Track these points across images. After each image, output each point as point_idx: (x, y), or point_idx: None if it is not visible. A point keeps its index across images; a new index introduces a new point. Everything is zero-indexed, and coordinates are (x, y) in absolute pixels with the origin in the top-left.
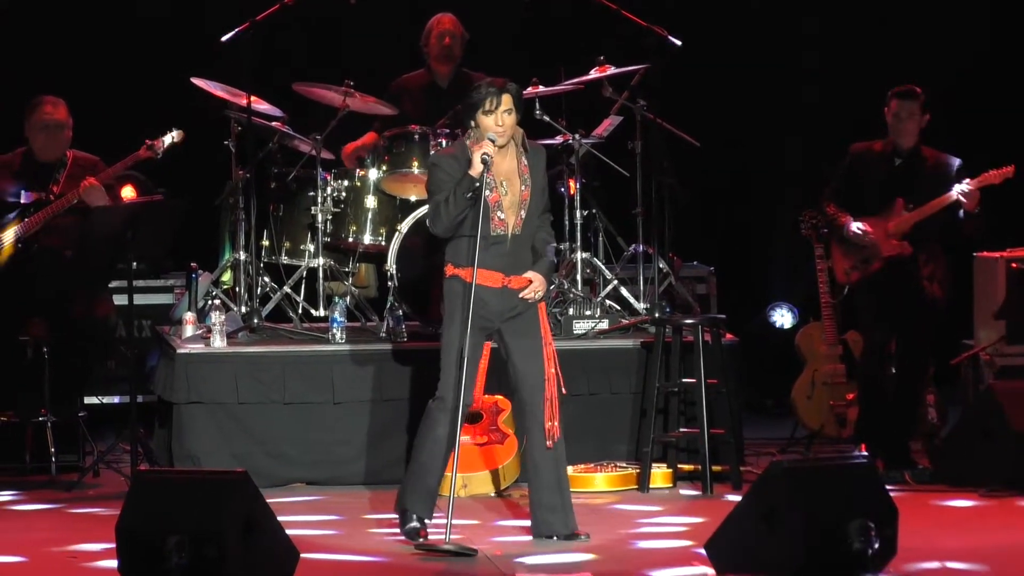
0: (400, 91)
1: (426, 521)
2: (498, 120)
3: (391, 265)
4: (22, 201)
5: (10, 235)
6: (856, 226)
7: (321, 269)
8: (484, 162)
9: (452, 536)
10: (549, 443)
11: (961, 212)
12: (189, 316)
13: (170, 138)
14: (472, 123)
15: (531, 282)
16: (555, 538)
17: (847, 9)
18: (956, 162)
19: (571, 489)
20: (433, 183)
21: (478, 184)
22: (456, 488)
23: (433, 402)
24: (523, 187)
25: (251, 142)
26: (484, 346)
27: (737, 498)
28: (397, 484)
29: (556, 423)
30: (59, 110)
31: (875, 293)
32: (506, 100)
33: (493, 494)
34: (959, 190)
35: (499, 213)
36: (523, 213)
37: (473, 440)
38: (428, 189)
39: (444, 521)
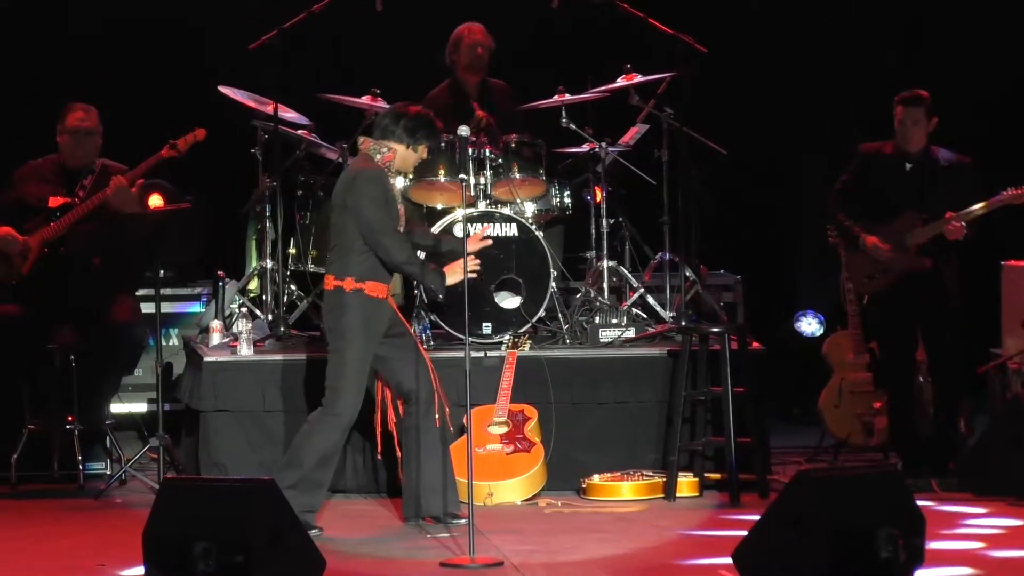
0: (431, 107)
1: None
2: (424, 155)
3: None
4: (49, 205)
5: (36, 239)
6: (871, 240)
7: None
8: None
9: (476, 543)
10: (451, 427)
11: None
12: (216, 324)
13: (193, 137)
14: (404, 144)
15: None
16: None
17: (874, 19)
18: (952, 157)
19: (591, 497)
20: (375, 203)
21: (436, 294)
22: (482, 497)
23: (326, 415)
24: (403, 206)
25: (278, 150)
26: (511, 354)
27: (764, 507)
28: None
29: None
30: (90, 117)
31: (894, 305)
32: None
33: (519, 502)
34: (949, 225)
35: (400, 227)
36: (401, 228)
37: (500, 449)
38: (374, 204)
39: (469, 531)
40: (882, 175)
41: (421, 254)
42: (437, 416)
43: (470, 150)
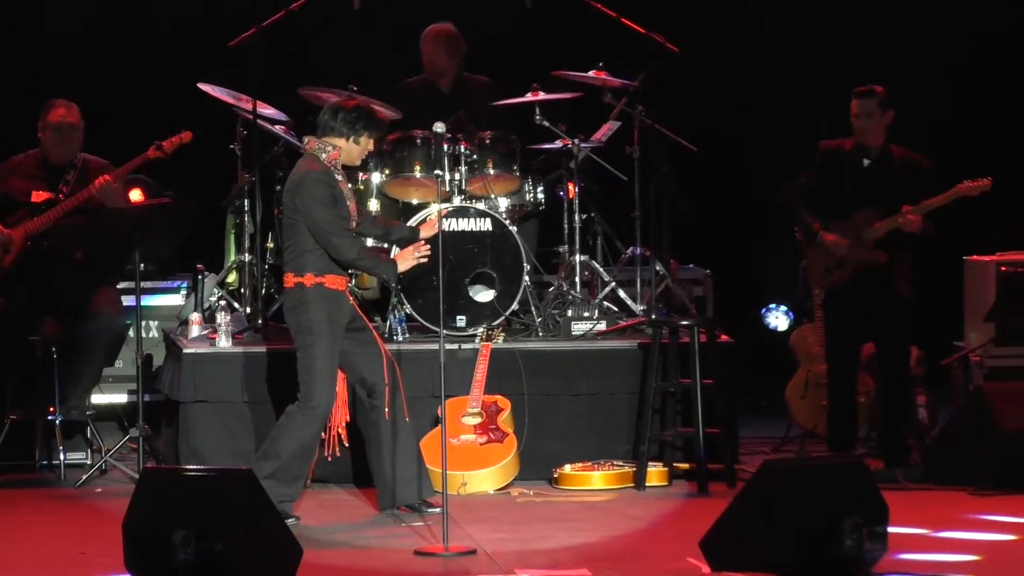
0: (403, 95)
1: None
2: (371, 147)
3: None
4: (32, 200)
5: (19, 233)
6: (829, 237)
7: None
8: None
9: (450, 532)
10: (407, 418)
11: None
12: (195, 316)
13: (179, 140)
14: (345, 138)
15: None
16: (412, 508)
17: (840, 17)
18: (911, 154)
19: (563, 487)
20: (322, 204)
21: (389, 282)
22: (456, 486)
23: (302, 409)
24: (353, 199)
25: (257, 146)
26: (485, 347)
27: (732, 496)
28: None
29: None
30: (72, 113)
31: (849, 300)
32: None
33: (492, 491)
34: (904, 218)
35: (352, 222)
36: (354, 222)
37: (474, 439)
38: (321, 204)
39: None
40: (842, 171)
41: (396, 249)
42: (388, 410)
43: (445, 146)
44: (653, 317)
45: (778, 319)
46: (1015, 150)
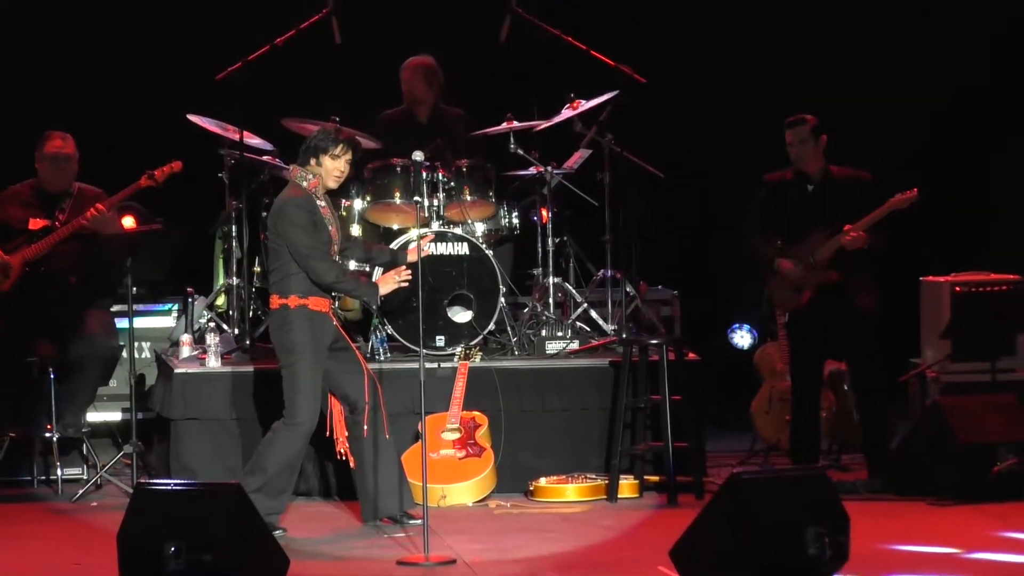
0: (382, 127)
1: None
2: (342, 166)
3: None
4: (29, 228)
5: (18, 259)
6: (784, 265)
7: None
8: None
9: (431, 543)
10: (388, 435)
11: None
12: (185, 338)
13: (170, 169)
14: (313, 161)
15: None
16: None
17: (801, 43)
18: (850, 173)
19: (538, 499)
20: (301, 229)
21: (370, 305)
22: (436, 499)
23: (287, 425)
24: (336, 225)
25: (243, 174)
26: (463, 365)
27: (700, 507)
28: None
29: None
30: (68, 144)
31: (809, 321)
32: (351, 152)
33: (471, 503)
34: (844, 237)
35: (335, 246)
36: (336, 246)
37: (453, 453)
38: (300, 230)
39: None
40: (787, 200)
41: (379, 269)
42: (366, 428)
43: (424, 174)
44: (623, 336)
45: (743, 338)
46: (968, 181)
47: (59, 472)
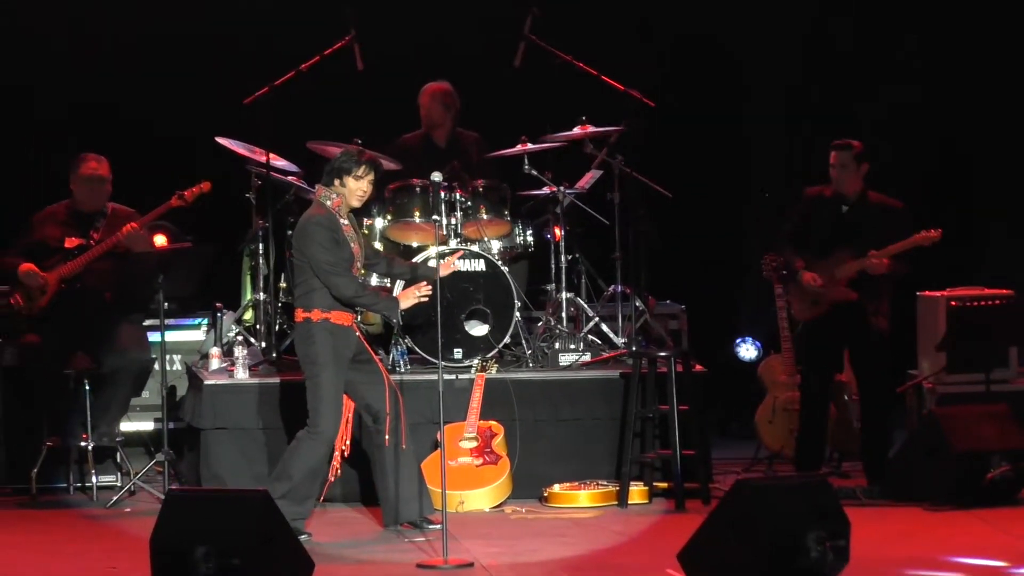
0: (401, 150)
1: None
2: (364, 186)
3: None
4: (65, 246)
5: (55, 276)
6: (807, 277)
7: None
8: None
9: (449, 546)
10: (406, 444)
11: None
12: (215, 351)
13: (199, 189)
14: (336, 182)
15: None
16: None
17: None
18: (886, 202)
19: (552, 505)
20: (323, 247)
21: (391, 319)
22: (454, 504)
23: (310, 434)
24: (359, 242)
25: (270, 194)
26: (480, 377)
27: (707, 513)
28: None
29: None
30: (102, 166)
31: (823, 333)
32: (373, 173)
33: (487, 509)
34: (868, 261)
35: (357, 263)
36: (359, 263)
37: (470, 461)
38: (321, 247)
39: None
40: (822, 216)
41: (400, 283)
42: (388, 437)
43: (442, 194)
44: (633, 349)
45: (748, 350)
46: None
47: (94, 479)
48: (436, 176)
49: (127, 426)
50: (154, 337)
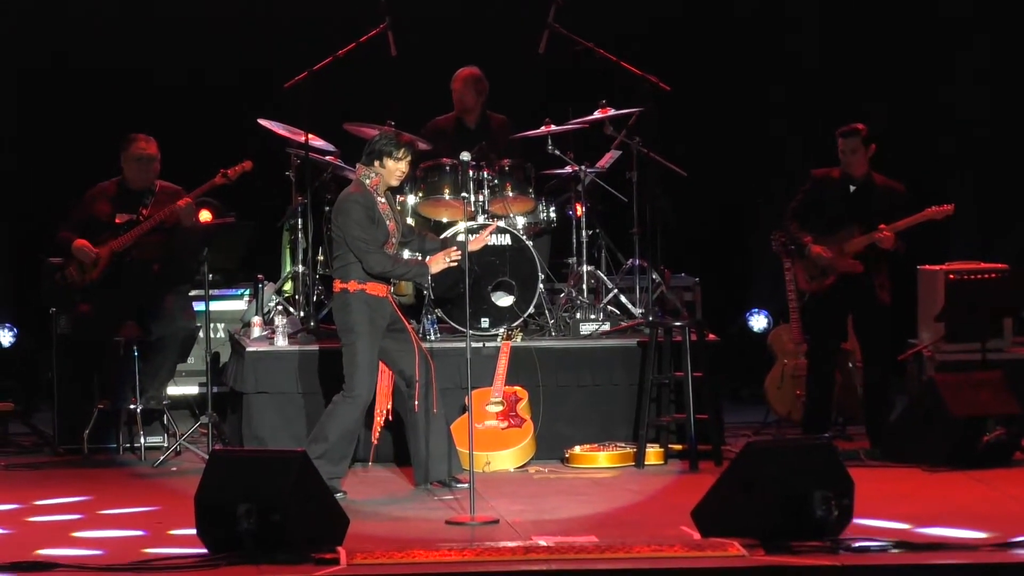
0: (433, 131)
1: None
2: (403, 167)
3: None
4: (116, 221)
5: (106, 250)
6: (816, 249)
7: None
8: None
9: (476, 504)
10: (437, 407)
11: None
12: (256, 320)
13: (242, 168)
14: (376, 163)
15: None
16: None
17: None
18: (888, 182)
19: (573, 465)
20: (358, 224)
21: (422, 284)
22: (481, 465)
23: (346, 397)
24: (395, 219)
25: (308, 173)
26: (505, 344)
27: (719, 473)
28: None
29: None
30: (151, 146)
31: (830, 304)
32: (410, 155)
33: (512, 469)
34: (880, 234)
35: (392, 239)
36: (394, 239)
37: (496, 424)
38: (357, 224)
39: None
40: (830, 195)
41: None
42: (417, 403)
43: (471, 173)
44: (650, 319)
45: (759, 321)
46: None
47: (142, 440)
48: (465, 156)
49: (173, 390)
50: (199, 307)
